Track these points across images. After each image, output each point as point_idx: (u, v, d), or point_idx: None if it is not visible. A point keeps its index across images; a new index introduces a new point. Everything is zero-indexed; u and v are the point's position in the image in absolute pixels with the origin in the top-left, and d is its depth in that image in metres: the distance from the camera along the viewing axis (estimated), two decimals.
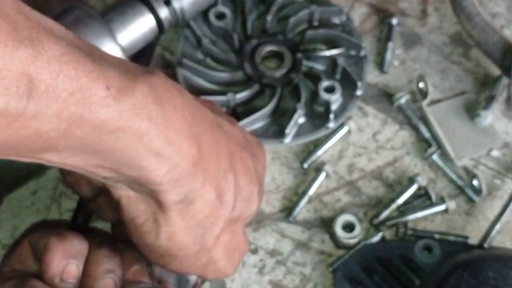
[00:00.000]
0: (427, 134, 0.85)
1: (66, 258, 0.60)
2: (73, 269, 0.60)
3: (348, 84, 0.86)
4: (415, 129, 0.86)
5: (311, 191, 0.82)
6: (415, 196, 0.83)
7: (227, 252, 0.64)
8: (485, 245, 0.78)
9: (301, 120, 0.85)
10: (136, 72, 0.53)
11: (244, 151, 0.65)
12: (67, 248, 0.60)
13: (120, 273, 0.62)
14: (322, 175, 0.83)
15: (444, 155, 0.84)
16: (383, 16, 0.92)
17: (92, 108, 0.49)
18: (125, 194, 0.58)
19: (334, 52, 0.87)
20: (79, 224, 0.72)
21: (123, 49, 0.77)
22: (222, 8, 0.88)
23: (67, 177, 0.65)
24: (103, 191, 0.63)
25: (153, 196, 0.57)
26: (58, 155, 0.51)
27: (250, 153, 0.66)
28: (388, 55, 0.89)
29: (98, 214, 0.67)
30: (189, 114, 0.57)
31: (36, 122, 0.47)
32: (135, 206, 0.58)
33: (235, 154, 0.63)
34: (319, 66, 0.88)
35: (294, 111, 0.84)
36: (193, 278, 0.72)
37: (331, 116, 0.84)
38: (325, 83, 0.85)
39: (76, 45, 0.50)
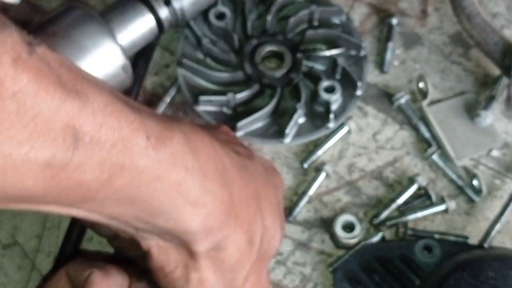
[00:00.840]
0: (427, 134, 0.85)
1: None
2: None
3: (348, 84, 0.86)
4: (415, 129, 0.86)
5: (311, 191, 0.82)
6: (415, 196, 0.83)
7: None
8: (485, 245, 0.78)
9: (301, 120, 0.85)
10: (171, 121, 0.54)
11: (267, 188, 0.64)
12: (110, 283, 0.59)
13: None
14: (322, 175, 0.83)
15: (444, 155, 0.84)
16: (383, 16, 0.92)
17: (133, 158, 0.49)
18: (155, 244, 0.58)
19: (334, 52, 0.87)
20: (73, 240, 0.71)
21: (123, 49, 0.77)
22: (222, 8, 0.88)
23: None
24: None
25: (185, 245, 0.57)
26: (97, 206, 0.51)
27: (272, 186, 0.65)
28: (388, 55, 0.89)
29: (121, 251, 0.66)
30: (220, 162, 0.57)
31: (80, 173, 0.47)
32: (165, 256, 0.58)
33: (261, 193, 0.63)
34: (319, 66, 0.88)
35: (294, 111, 0.84)
36: None
37: (331, 116, 0.84)
38: (325, 83, 0.85)
39: (116, 95, 0.50)
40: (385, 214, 0.81)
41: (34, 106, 0.44)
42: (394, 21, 0.91)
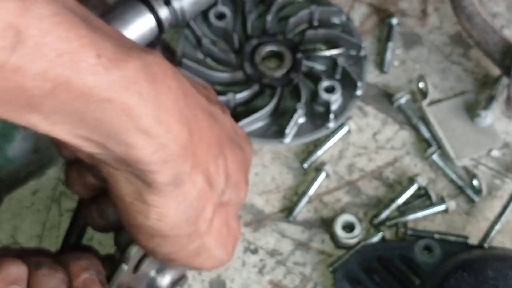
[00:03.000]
0: (427, 134, 0.85)
1: (5, 285, 0.59)
2: None
3: (348, 84, 0.86)
4: (415, 129, 0.86)
5: (311, 191, 0.82)
6: (415, 196, 0.83)
7: (221, 238, 0.64)
8: (485, 245, 0.78)
9: (301, 120, 0.85)
10: (132, 47, 0.53)
11: (233, 141, 0.65)
12: (4, 275, 0.59)
13: (64, 287, 0.62)
14: (322, 175, 0.83)
15: (444, 155, 0.84)
16: (383, 16, 0.92)
17: (80, 73, 0.49)
18: (113, 172, 0.57)
19: (334, 52, 0.87)
20: (71, 243, 0.72)
21: None
22: (222, 8, 0.89)
23: (66, 176, 0.64)
24: (98, 196, 0.63)
25: (142, 177, 0.57)
26: (44, 119, 0.51)
27: (238, 143, 0.66)
28: (388, 55, 0.89)
29: (90, 222, 0.67)
30: (183, 98, 0.57)
31: (19, 76, 0.47)
32: (123, 185, 0.58)
33: (225, 142, 0.63)
34: (319, 66, 0.88)
35: (294, 111, 0.84)
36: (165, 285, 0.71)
37: (331, 116, 0.84)
38: (325, 83, 0.85)
39: (73, 10, 0.50)
40: (385, 214, 0.81)
41: None
42: (394, 21, 0.91)
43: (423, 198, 0.83)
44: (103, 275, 0.65)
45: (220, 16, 0.88)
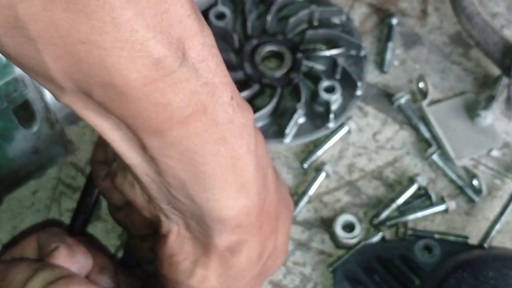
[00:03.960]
0: (427, 134, 0.85)
1: None
2: None
3: (348, 84, 0.86)
4: (415, 129, 0.86)
5: (311, 191, 0.82)
6: (415, 196, 0.83)
7: None
8: (485, 245, 0.78)
9: (301, 120, 0.85)
10: (243, 100, 0.55)
11: (285, 209, 0.63)
12: (73, 262, 0.60)
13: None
14: (322, 175, 0.83)
15: (444, 155, 0.84)
16: (383, 16, 0.92)
17: (215, 107, 0.50)
18: (176, 230, 0.57)
19: (334, 52, 0.87)
20: (77, 228, 0.72)
21: None
22: (222, 8, 0.89)
23: (103, 181, 0.64)
24: (130, 204, 0.62)
25: (204, 238, 0.56)
26: (161, 148, 0.50)
27: (288, 209, 0.65)
28: (388, 55, 0.89)
29: (122, 225, 0.66)
30: (266, 167, 0.56)
31: (173, 91, 0.47)
32: (181, 245, 0.57)
33: (281, 214, 0.62)
34: (319, 66, 0.88)
35: (294, 111, 0.84)
36: None
37: (331, 116, 0.84)
38: (325, 83, 0.85)
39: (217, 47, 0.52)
40: (385, 214, 0.81)
41: (167, 2, 0.45)
42: (394, 21, 0.91)
43: (423, 198, 0.83)
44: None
45: (220, 16, 0.88)
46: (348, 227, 0.80)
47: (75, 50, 0.44)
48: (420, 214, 0.81)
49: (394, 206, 0.82)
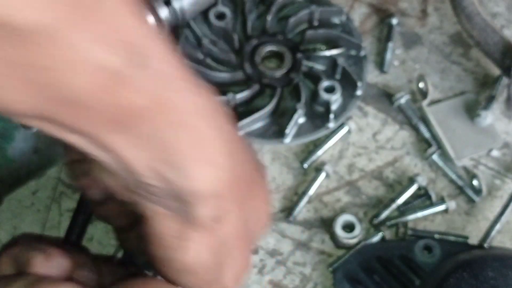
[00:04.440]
0: (427, 134, 0.85)
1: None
2: None
3: (348, 84, 0.86)
4: (415, 129, 0.86)
5: (311, 191, 0.82)
6: (415, 196, 0.83)
7: (236, 272, 0.64)
8: (485, 245, 0.78)
9: (301, 120, 0.85)
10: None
11: (260, 174, 0.64)
12: (52, 265, 0.59)
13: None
14: (322, 175, 0.83)
15: (444, 155, 0.84)
16: (383, 16, 0.92)
17: (171, 95, 0.51)
18: (157, 211, 0.57)
19: (334, 52, 0.87)
20: (73, 240, 0.71)
21: None
22: (222, 8, 0.89)
23: (80, 179, 0.64)
24: (111, 197, 0.63)
25: (186, 211, 0.56)
26: (127, 142, 0.51)
27: (262, 173, 0.66)
28: (388, 55, 0.89)
29: (105, 219, 0.67)
30: (234, 140, 0.57)
31: (124, 91, 0.48)
32: (164, 223, 0.57)
33: (256, 178, 0.63)
34: (319, 66, 0.88)
35: (294, 111, 0.84)
36: None
37: (331, 116, 0.84)
38: (325, 83, 0.85)
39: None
40: (385, 214, 0.81)
41: (119, 15, 0.47)
42: (394, 21, 0.91)
43: (423, 198, 0.83)
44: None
45: (220, 16, 0.88)
46: (348, 227, 0.80)
47: (27, 77, 0.45)
48: (420, 214, 0.81)
49: (394, 206, 0.82)
